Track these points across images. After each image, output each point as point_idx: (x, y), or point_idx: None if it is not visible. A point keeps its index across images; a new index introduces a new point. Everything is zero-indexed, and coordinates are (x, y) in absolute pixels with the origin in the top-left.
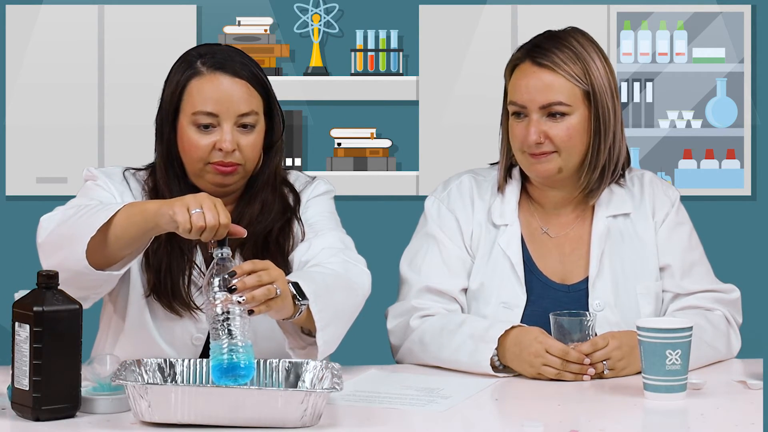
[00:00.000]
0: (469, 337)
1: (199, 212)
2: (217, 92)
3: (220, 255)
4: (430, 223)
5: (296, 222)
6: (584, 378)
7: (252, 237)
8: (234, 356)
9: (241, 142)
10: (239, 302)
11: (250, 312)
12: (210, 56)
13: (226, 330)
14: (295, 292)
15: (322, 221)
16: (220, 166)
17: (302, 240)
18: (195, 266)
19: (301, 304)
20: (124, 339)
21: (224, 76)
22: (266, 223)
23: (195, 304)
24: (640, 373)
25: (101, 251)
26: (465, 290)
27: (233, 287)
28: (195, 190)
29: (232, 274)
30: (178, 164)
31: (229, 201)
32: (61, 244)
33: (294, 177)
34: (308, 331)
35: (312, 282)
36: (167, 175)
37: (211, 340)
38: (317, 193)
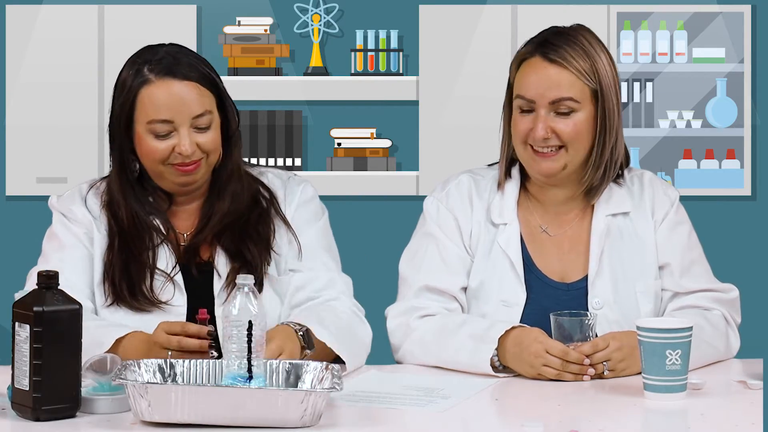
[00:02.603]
0: (469, 337)
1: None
2: (169, 98)
3: (242, 284)
4: (429, 223)
5: (276, 214)
6: (584, 378)
7: (228, 228)
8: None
9: (199, 140)
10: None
11: None
12: (156, 63)
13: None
14: (303, 343)
15: (317, 242)
16: (181, 166)
17: (299, 250)
18: (157, 270)
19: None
20: None
21: (174, 81)
22: (239, 213)
23: (159, 300)
24: (640, 373)
25: None
26: (464, 289)
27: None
28: (151, 195)
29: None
30: (131, 170)
31: (197, 197)
32: None
33: (272, 175)
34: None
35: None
36: (120, 182)
37: (224, 368)
38: (306, 199)
